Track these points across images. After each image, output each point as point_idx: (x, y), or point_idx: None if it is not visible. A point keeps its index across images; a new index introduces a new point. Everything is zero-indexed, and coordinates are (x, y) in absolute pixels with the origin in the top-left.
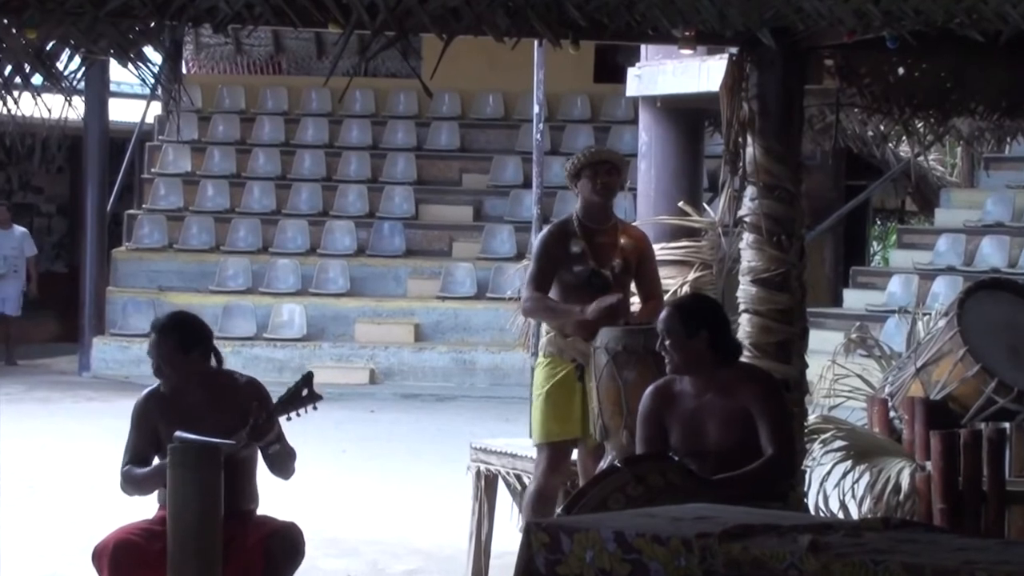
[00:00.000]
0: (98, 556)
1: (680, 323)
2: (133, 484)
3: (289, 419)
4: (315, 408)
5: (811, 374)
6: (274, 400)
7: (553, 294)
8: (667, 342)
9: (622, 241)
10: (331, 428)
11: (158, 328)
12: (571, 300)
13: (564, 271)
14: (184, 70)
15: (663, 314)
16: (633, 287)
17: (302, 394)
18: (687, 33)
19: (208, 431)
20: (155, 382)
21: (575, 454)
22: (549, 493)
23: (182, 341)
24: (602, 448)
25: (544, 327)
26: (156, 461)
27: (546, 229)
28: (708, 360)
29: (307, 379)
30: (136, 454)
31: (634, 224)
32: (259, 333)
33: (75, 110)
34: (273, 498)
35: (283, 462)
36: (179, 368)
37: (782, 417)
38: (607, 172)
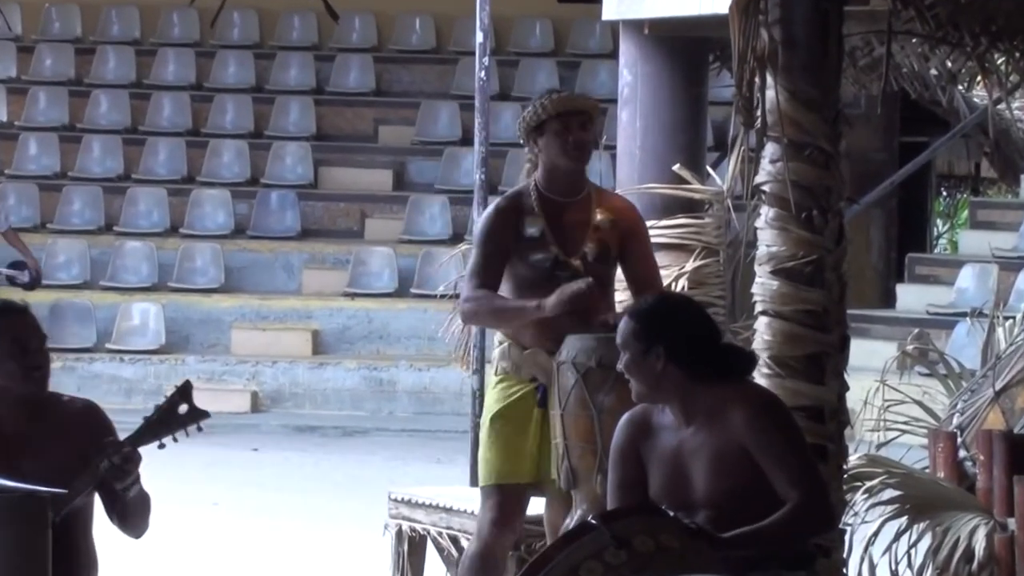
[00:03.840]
0: None
1: (632, 336)
2: None
3: (162, 446)
4: (199, 429)
5: (853, 399)
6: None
7: (505, 293)
8: (623, 360)
9: (598, 217)
10: (198, 472)
11: None
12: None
13: (518, 261)
14: None
15: (620, 324)
16: (620, 278)
17: (177, 411)
18: None
19: (29, 475)
20: None
21: (532, 505)
22: (496, 555)
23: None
24: (570, 499)
25: (497, 336)
26: None
27: (493, 205)
28: (676, 382)
29: (184, 391)
30: None
31: (616, 192)
32: (100, 342)
33: None
34: (114, 568)
35: (141, 511)
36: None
37: (793, 447)
38: (581, 126)
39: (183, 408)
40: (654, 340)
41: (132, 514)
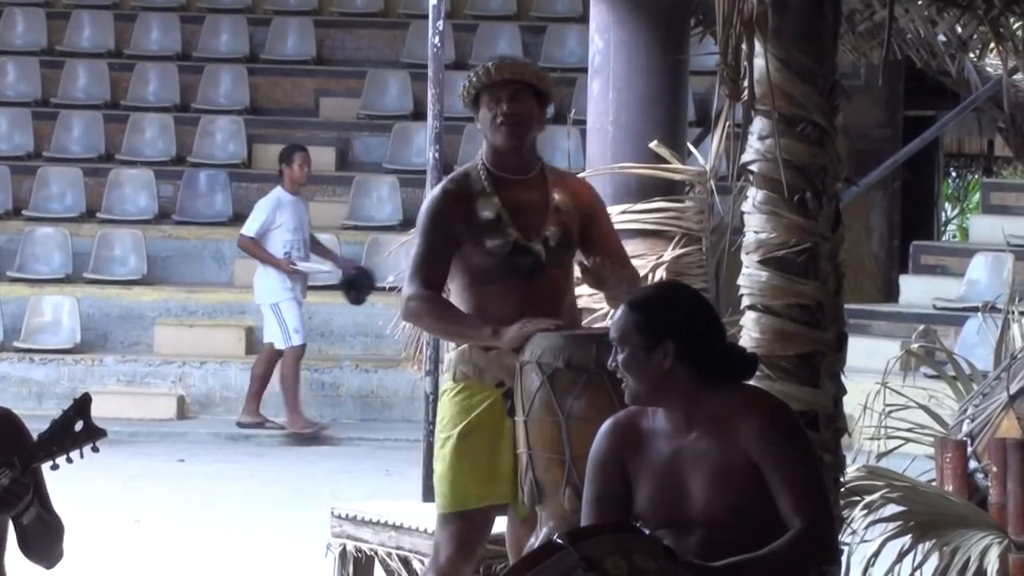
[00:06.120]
0: None
1: (635, 328)
2: None
3: (55, 467)
4: (95, 450)
5: (851, 404)
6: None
7: (457, 285)
8: (620, 357)
9: (556, 198)
10: (119, 486)
11: None
12: (484, 294)
13: (472, 249)
14: None
15: (615, 316)
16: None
17: (74, 428)
18: None
19: None
20: None
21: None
22: None
23: None
24: (535, 517)
25: None
26: None
27: (439, 187)
28: (683, 384)
29: (81, 406)
30: None
31: (575, 174)
32: (7, 340)
33: None
34: None
35: (45, 538)
36: None
37: (805, 467)
38: (511, 97)
39: (79, 425)
40: (662, 334)
41: (33, 542)
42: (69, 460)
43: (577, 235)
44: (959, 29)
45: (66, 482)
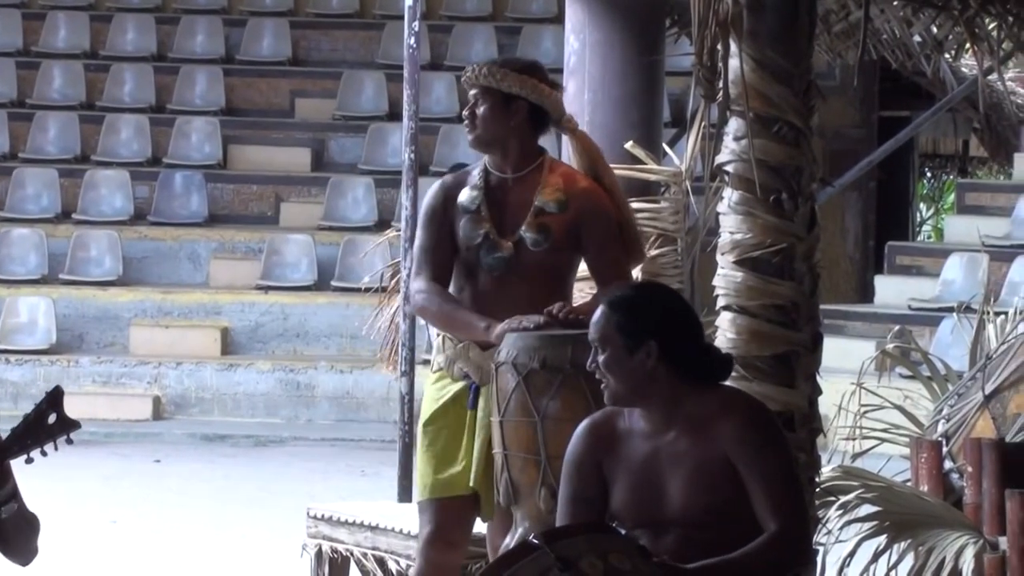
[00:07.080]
0: None
1: (616, 329)
2: None
3: (30, 460)
4: (69, 442)
5: (826, 404)
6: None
7: (453, 278)
8: (600, 358)
9: (541, 199)
10: (95, 486)
11: None
12: (463, 287)
13: (458, 241)
14: None
15: (594, 317)
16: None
17: (47, 421)
18: None
19: None
20: None
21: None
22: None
23: None
24: (510, 517)
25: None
26: None
27: (439, 180)
28: (664, 384)
29: (53, 399)
30: None
31: (577, 171)
32: None
33: None
34: None
35: (24, 533)
36: None
37: (782, 469)
38: (473, 101)
39: (52, 418)
40: (645, 334)
41: (12, 538)
42: (44, 453)
43: (567, 238)
44: (935, 29)
45: (42, 482)
